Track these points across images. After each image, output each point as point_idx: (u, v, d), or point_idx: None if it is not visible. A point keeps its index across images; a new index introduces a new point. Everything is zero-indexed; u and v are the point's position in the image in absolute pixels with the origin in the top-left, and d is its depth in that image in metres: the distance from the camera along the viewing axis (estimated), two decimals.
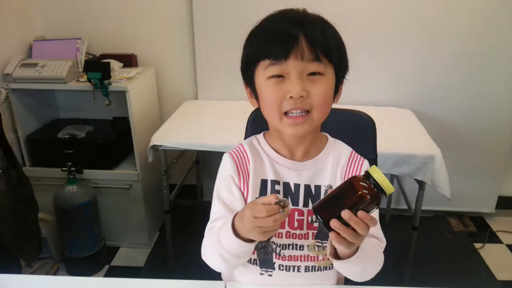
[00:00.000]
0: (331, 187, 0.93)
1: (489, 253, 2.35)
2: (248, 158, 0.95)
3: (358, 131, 1.26)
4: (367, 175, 0.73)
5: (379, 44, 2.27)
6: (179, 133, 2.01)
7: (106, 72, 2.01)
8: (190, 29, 2.35)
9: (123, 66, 2.27)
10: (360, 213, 0.71)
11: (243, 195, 0.94)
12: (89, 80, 2.00)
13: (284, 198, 0.74)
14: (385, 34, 2.25)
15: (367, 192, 0.72)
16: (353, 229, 0.72)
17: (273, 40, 0.82)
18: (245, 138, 1.21)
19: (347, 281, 1.02)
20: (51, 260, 2.15)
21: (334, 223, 0.71)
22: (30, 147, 2.23)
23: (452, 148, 2.32)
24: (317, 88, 0.83)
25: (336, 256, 0.83)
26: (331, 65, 0.85)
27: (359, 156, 0.98)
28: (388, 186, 0.72)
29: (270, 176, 0.94)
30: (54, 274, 2.13)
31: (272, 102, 0.84)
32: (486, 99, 2.34)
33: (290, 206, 0.76)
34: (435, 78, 2.32)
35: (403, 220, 2.28)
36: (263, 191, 0.93)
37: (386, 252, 1.01)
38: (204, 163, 2.60)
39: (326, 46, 0.83)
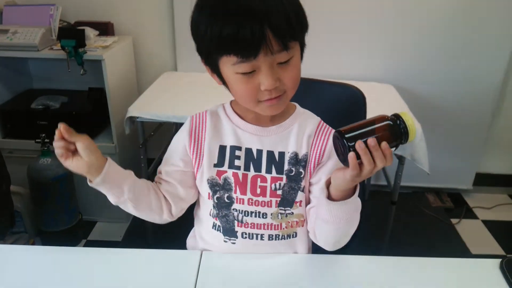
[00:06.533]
0: (296, 154, 0.92)
1: (465, 228, 2.40)
2: (205, 124, 0.94)
3: (347, 105, 1.25)
4: (397, 116, 0.75)
5: (362, 19, 2.24)
6: (157, 104, 1.96)
7: (80, 39, 1.94)
8: None
9: (98, 35, 2.18)
10: (384, 144, 0.73)
11: (195, 161, 0.94)
12: (63, 48, 1.93)
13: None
14: (368, 8, 2.21)
15: (393, 129, 0.75)
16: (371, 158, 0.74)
17: (237, 39, 0.75)
18: None
19: (314, 251, 1.03)
20: (26, 234, 2.11)
21: (359, 143, 0.73)
22: (1, 118, 2.15)
23: (432, 124, 2.33)
24: (289, 73, 0.82)
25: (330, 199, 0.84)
26: (297, 42, 0.82)
27: (328, 126, 0.97)
28: (413, 131, 0.74)
29: (230, 142, 0.93)
30: None
31: (247, 96, 0.84)
32: (468, 77, 2.34)
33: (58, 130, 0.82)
34: (417, 54, 2.31)
35: (383, 195, 2.30)
36: (221, 157, 0.93)
37: (365, 225, 1.01)
38: None
39: (292, 32, 0.79)
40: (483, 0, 2.17)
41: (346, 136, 0.74)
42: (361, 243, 1.14)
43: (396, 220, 2.03)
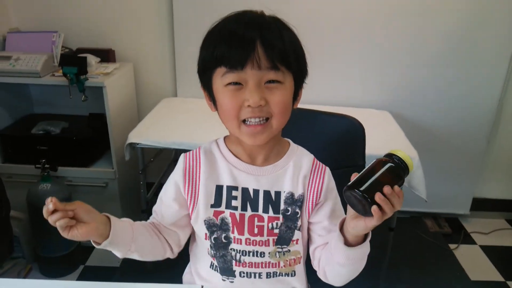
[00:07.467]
0: (292, 194, 0.92)
1: (463, 253, 2.39)
2: (199, 163, 0.92)
3: (347, 137, 1.24)
4: (391, 155, 0.79)
5: (359, 46, 2.28)
6: (157, 131, 1.98)
7: (82, 67, 1.96)
8: (170, 25, 2.31)
9: (100, 61, 2.21)
10: (396, 187, 0.76)
11: (190, 201, 0.92)
12: (64, 74, 1.95)
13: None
14: (365, 35, 2.26)
15: (395, 169, 0.78)
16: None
17: (228, 47, 0.80)
18: None
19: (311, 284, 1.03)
20: (23, 259, 2.09)
21: (379, 196, 0.74)
22: (2, 143, 2.15)
23: (428, 150, 2.35)
24: (276, 96, 0.82)
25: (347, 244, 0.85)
26: (290, 73, 0.84)
27: (321, 164, 0.97)
28: (410, 163, 0.78)
29: (226, 182, 0.91)
30: (27, 274, 2.07)
31: (230, 110, 0.83)
32: (463, 103, 2.37)
33: (50, 204, 0.76)
34: (414, 81, 2.34)
35: None
36: (218, 197, 0.91)
37: None
38: None
39: (284, 54, 0.81)
40: (477, 28, 2.22)
41: (365, 194, 0.76)
42: None
43: (394, 245, 2.03)
